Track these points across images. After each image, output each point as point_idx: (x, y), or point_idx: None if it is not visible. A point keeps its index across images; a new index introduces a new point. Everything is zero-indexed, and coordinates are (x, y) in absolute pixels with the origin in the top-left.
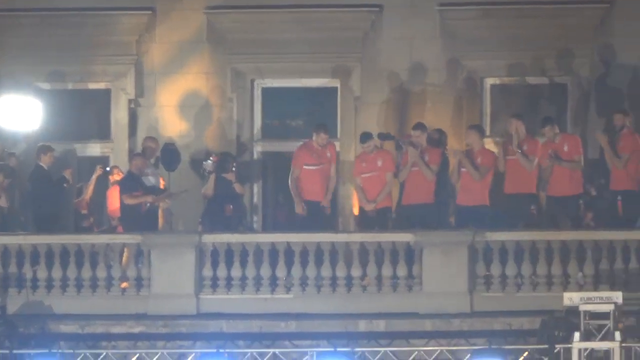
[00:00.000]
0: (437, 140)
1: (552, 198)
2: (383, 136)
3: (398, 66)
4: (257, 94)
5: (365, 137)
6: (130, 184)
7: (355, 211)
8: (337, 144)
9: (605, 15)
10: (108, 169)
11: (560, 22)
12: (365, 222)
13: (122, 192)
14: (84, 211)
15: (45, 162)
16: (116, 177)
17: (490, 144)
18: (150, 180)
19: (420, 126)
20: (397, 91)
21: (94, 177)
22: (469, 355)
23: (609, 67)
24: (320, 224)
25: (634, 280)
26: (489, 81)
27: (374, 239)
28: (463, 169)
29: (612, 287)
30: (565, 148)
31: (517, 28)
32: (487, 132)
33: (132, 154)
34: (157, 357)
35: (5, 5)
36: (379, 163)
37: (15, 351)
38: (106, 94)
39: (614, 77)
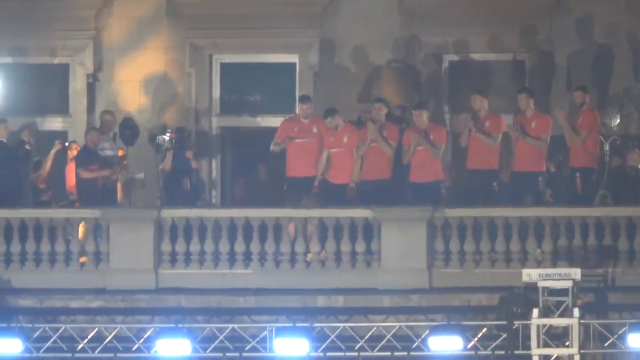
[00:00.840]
0: (399, 116)
1: (516, 173)
2: (329, 112)
3: (357, 42)
4: (216, 69)
5: (327, 113)
6: (86, 157)
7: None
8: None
9: None
10: (67, 144)
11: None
12: (327, 196)
13: (77, 166)
14: (42, 185)
15: (1, 134)
16: (74, 152)
17: (447, 120)
18: (107, 153)
19: (381, 100)
20: (356, 67)
21: (53, 151)
22: (427, 332)
23: (567, 44)
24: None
25: (592, 257)
26: (448, 58)
27: (333, 215)
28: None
29: (571, 264)
30: (534, 124)
31: (476, 5)
32: (446, 109)
33: (87, 128)
34: (115, 331)
35: None
36: (345, 139)
37: None
38: (65, 69)
39: (572, 54)
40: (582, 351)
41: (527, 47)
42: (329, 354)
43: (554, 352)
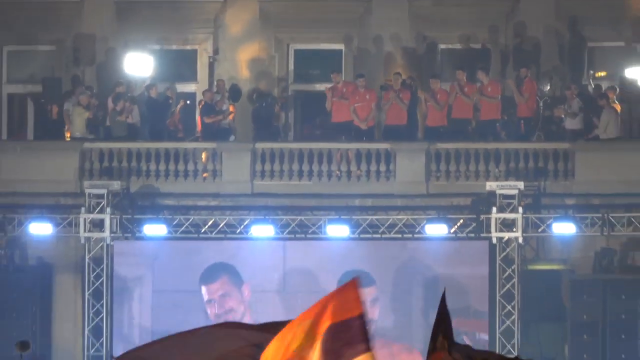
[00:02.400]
0: (409, 84)
1: (482, 121)
2: (359, 75)
3: (382, 36)
4: (291, 53)
5: (359, 75)
6: (207, 109)
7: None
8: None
9: (516, 2)
10: (188, 102)
11: (487, 7)
12: (359, 135)
13: (202, 115)
14: (174, 127)
15: (153, 94)
16: (201, 105)
17: (445, 86)
18: (222, 107)
19: (397, 73)
20: (382, 53)
21: (179, 105)
22: (424, 222)
23: (520, 37)
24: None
25: (531, 174)
26: (441, 46)
27: (365, 147)
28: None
29: (517, 179)
30: (489, 89)
31: (462, 11)
32: (440, 79)
33: (208, 90)
34: (225, 221)
35: None
36: (367, 97)
37: (135, 216)
38: (194, 52)
39: (522, 44)
40: (523, 235)
41: (491, 41)
42: (362, 235)
43: (506, 235)
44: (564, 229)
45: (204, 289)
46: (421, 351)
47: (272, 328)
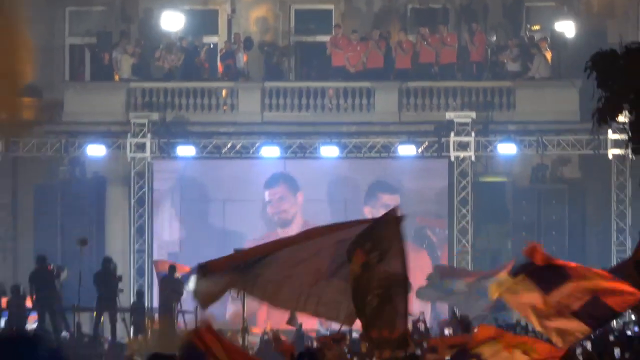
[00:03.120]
0: (385, 36)
1: (442, 64)
2: (354, 31)
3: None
4: (292, 13)
5: (353, 31)
6: (226, 56)
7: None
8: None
9: None
10: (212, 45)
11: None
12: (348, 77)
13: (221, 60)
14: (199, 66)
15: (184, 44)
16: (220, 54)
17: (412, 37)
18: (237, 54)
19: (375, 30)
20: (365, 9)
21: (204, 50)
22: (397, 143)
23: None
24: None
25: (481, 106)
26: (409, 6)
27: (351, 85)
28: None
29: (470, 110)
30: (448, 39)
31: None
32: (407, 32)
33: (225, 41)
34: (240, 144)
35: None
36: (358, 48)
37: (170, 140)
38: (215, 12)
39: (472, 4)
40: (475, 154)
41: (449, 2)
42: (348, 154)
43: (461, 154)
44: (507, 149)
45: (266, 192)
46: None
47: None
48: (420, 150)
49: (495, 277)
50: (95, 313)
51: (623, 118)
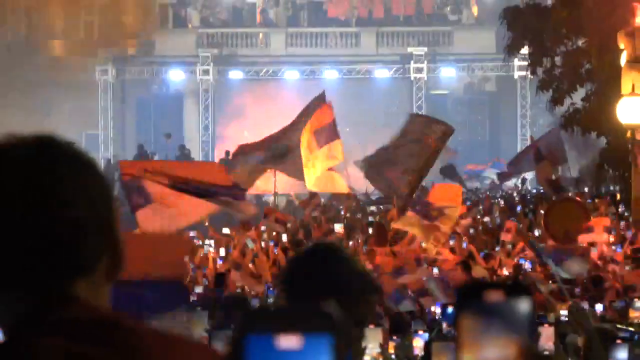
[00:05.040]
0: None
1: (406, 15)
2: None
3: None
4: None
5: None
6: (263, 13)
7: None
8: None
9: None
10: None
11: None
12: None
13: (261, 13)
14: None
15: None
16: (258, 11)
17: None
18: (269, 13)
19: None
20: None
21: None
22: (375, 69)
23: None
24: None
25: (421, 43)
26: None
27: (345, 30)
28: None
29: (423, 45)
30: None
31: None
32: None
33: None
34: (272, 70)
35: None
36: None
37: (226, 67)
38: None
39: None
40: (427, 75)
41: None
42: (344, 76)
43: (418, 75)
44: (448, 72)
45: None
46: None
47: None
48: (390, 73)
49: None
50: None
51: (524, 50)
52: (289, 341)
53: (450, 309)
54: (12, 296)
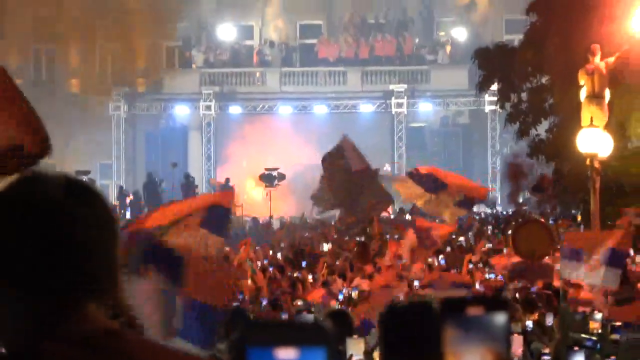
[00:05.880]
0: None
1: (387, 56)
2: None
3: None
4: (297, 26)
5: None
6: (260, 53)
7: None
8: None
9: None
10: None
11: None
12: (331, 64)
13: (257, 54)
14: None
15: (236, 47)
16: (255, 52)
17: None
18: (265, 54)
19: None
20: None
21: (255, 50)
22: (360, 104)
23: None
24: None
25: (401, 80)
26: (369, 21)
27: (334, 69)
28: None
29: (403, 83)
30: (391, 41)
31: None
32: (367, 35)
33: (259, 47)
34: (267, 105)
35: None
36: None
37: (227, 103)
38: (251, 26)
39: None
40: (407, 109)
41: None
42: (332, 111)
43: (399, 110)
44: (425, 107)
45: None
46: None
47: None
48: (374, 107)
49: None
50: None
51: (494, 87)
52: (286, 354)
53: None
54: (32, 312)
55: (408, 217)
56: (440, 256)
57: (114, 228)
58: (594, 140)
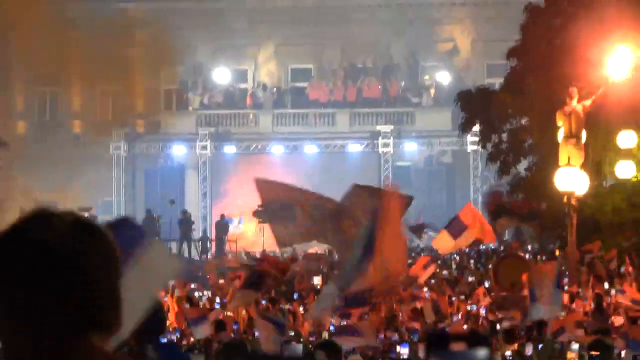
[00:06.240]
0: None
1: (374, 98)
2: None
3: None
4: (289, 70)
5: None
6: (253, 96)
7: None
8: None
9: None
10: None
11: None
12: (321, 106)
13: (251, 97)
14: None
15: (231, 88)
16: (249, 94)
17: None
18: (258, 97)
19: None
20: None
21: (249, 93)
22: (349, 144)
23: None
24: None
25: (387, 121)
26: (357, 65)
27: (323, 111)
28: None
29: (390, 124)
30: (377, 84)
31: None
32: (355, 79)
33: (252, 89)
34: (260, 145)
35: None
36: (327, 91)
37: (221, 142)
38: (245, 70)
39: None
40: (393, 149)
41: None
42: (322, 150)
43: (385, 149)
44: (410, 146)
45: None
46: None
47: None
48: (361, 147)
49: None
50: (178, 242)
51: (476, 128)
52: None
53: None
54: (42, 343)
55: None
56: (425, 288)
57: (117, 262)
58: (571, 179)
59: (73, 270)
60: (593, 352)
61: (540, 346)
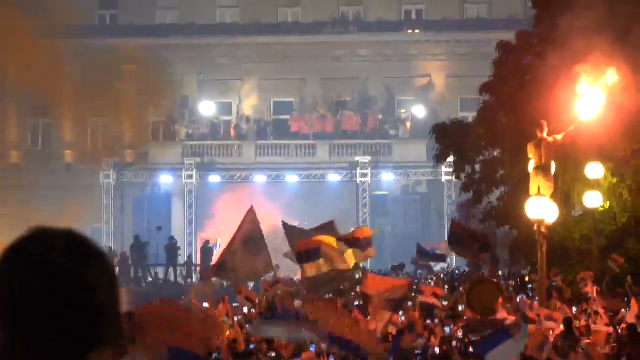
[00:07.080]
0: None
1: (353, 130)
2: None
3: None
4: (271, 103)
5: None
6: (237, 128)
7: None
8: None
9: None
10: (237, 122)
11: None
12: (301, 137)
13: (235, 129)
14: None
15: (216, 121)
16: (232, 127)
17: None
18: (242, 128)
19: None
20: None
21: (232, 125)
22: (328, 174)
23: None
24: None
25: (366, 152)
26: (334, 100)
27: (304, 143)
28: None
29: (368, 155)
30: (355, 119)
31: None
32: (335, 112)
33: (236, 122)
34: (244, 175)
35: None
36: (311, 123)
37: (207, 172)
38: (230, 103)
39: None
40: (370, 179)
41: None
42: (302, 180)
43: (364, 179)
44: (388, 176)
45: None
46: None
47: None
48: (341, 177)
49: None
50: (165, 267)
51: (450, 159)
52: None
53: None
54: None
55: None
56: (401, 312)
57: (114, 278)
58: (541, 208)
59: (70, 285)
60: None
61: None
